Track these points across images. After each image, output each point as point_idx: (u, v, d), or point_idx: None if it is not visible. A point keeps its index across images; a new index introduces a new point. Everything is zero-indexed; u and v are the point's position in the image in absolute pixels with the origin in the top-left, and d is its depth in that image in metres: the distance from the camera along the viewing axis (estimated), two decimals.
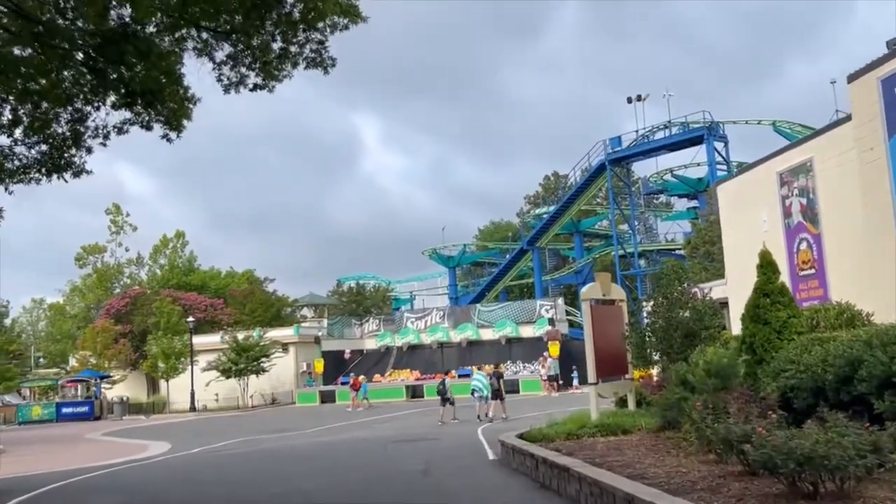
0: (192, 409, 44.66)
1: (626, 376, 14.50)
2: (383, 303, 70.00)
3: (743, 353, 10.92)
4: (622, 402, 14.81)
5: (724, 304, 20.81)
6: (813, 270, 17.60)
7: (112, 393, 48.63)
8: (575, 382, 39.20)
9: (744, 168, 24.37)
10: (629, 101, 52.52)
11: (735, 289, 20.89)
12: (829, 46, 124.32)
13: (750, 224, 20.13)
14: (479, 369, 28.69)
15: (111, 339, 50.22)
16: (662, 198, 69.88)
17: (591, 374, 13.55)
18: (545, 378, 37.82)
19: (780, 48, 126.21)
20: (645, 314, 16.35)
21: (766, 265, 11.28)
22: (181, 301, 53.02)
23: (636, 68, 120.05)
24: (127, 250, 66.44)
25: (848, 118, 15.59)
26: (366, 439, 19.74)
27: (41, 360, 71.93)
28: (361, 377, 38.70)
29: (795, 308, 11.19)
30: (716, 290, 24.35)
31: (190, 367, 45.81)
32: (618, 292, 15.10)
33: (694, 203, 56.90)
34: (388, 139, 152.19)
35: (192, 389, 45.00)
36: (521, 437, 12.42)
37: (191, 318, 47.42)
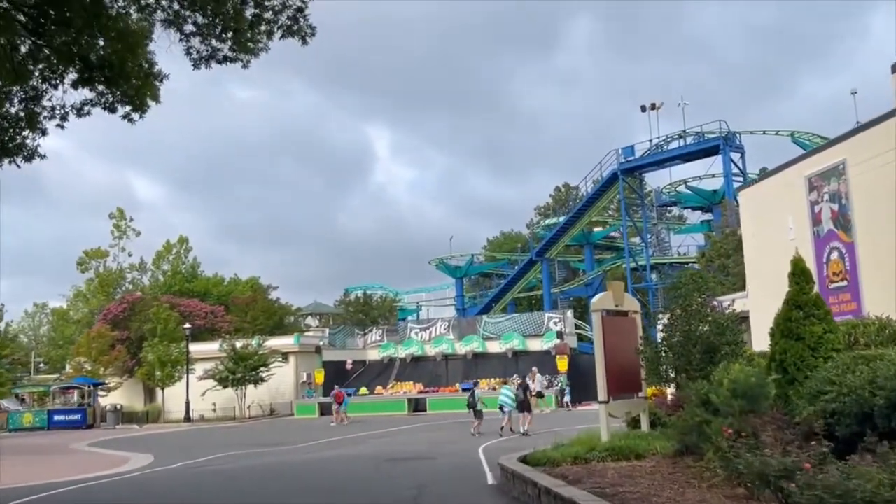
0: (188, 419, 43.45)
1: (640, 394, 13.33)
2: (390, 313, 68.87)
3: (773, 371, 9.70)
4: (634, 423, 13.67)
5: (744, 318, 19.50)
6: (845, 282, 16.20)
7: (107, 401, 47.48)
8: (566, 400, 37.85)
9: (768, 172, 22.95)
10: (643, 109, 51.50)
11: (757, 302, 19.57)
12: (843, 65, 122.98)
13: (774, 232, 18.76)
14: (505, 383, 27.76)
15: (107, 345, 49.06)
16: (675, 210, 68.71)
17: (602, 392, 12.42)
18: (533, 394, 36.44)
19: (794, 65, 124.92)
20: (659, 327, 15.18)
21: (799, 274, 10.00)
22: (180, 307, 51.91)
23: (649, 81, 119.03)
24: (130, 255, 65.64)
25: (889, 115, 14.22)
26: (359, 457, 18.61)
27: (42, 365, 71.01)
28: (355, 391, 37.63)
29: (832, 322, 9.91)
30: (736, 304, 23.07)
31: (186, 375, 44.62)
32: (631, 303, 14.00)
33: (708, 216, 55.59)
34: (398, 150, 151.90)
35: (188, 399, 43.84)
36: (523, 460, 11.22)
37: (187, 325, 46.26)
